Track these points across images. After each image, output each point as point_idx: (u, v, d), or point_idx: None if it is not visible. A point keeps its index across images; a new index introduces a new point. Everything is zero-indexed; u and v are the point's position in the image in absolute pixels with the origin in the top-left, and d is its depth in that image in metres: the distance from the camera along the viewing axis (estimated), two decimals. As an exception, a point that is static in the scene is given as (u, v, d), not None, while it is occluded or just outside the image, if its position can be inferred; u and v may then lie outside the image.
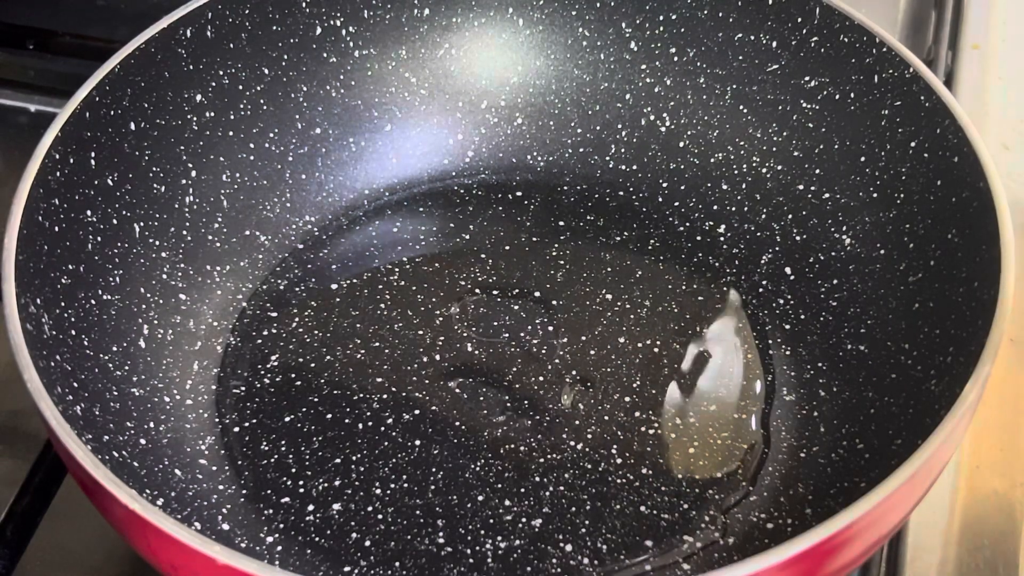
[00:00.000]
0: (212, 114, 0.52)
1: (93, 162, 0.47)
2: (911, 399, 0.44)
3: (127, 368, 0.47)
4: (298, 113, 0.55)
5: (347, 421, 0.48)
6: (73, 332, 0.44)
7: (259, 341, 0.51)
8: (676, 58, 0.56)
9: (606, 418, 0.48)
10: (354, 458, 0.47)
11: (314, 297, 0.53)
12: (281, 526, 0.45)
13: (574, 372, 0.49)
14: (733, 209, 0.54)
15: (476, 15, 0.57)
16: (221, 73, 0.52)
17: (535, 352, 0.50)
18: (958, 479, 0.48)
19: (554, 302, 0.52)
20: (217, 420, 0.48)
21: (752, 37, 0.54)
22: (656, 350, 0.50)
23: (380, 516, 0.45)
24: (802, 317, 0.51)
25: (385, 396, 0.49)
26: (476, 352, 0.50)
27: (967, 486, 0.48)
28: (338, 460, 0.47)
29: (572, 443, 0.47)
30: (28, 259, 0.43)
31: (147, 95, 0.50)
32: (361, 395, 0.49)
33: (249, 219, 0.54)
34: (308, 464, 0.47)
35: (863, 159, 0.50)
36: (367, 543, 0.44)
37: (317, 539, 0.45)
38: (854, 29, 0.50)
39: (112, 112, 0.48)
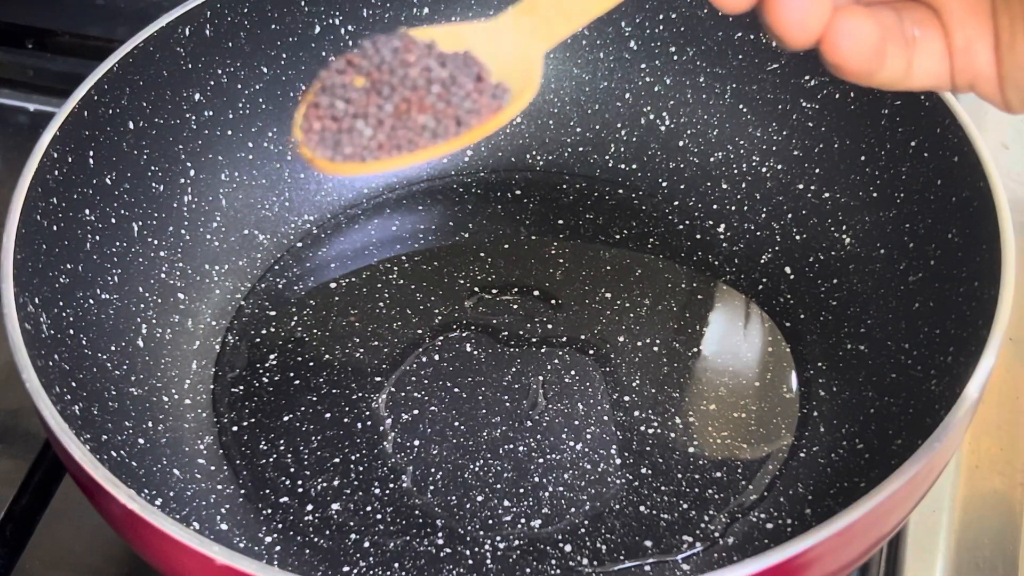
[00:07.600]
0: (211, 113, 0.52)
1: (92, 161, 0.47)
2: (911, 399, 0.44)
3: (125, 367, 0.47)
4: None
5: (346, 421, 0.48)
6: (71, 331, 0.44)
7: (257, 340, 0.51)
8: (676, 57, 0.56)
9: (606, 418, 0.48)
10: (353, 458, 0.47)
11: (313, 296, 0.53)
12: (280, 526, 0.45)
13: (574, 372, 0.49)
14: (733, 208, 0.54)
15: (476, 15, 0.57)
16: (220, 72, 0.52)
17: (535, 351, 0.50)
18: (958, 478, 0.48)
19: (553, 301, 0.52)
20: (215, 419, 0.48)
21: (752, 36, 0.54)
22: (656, 349, 0.50)
23: (379, 516, 0.45)
24: (802, 317, 0.51)
25: (385, 396, 0.49)
26: (476, 352, 0.50)
27: (967, 485, 0.48)
28: (337, 460, 0.47)
29: (572, 443, 0.47)
30: (27, 258, 0.43)
31: (146, 94, 0.49)
32: (361, 395, 0.49)
33: (248, 218, 0.54)
34: (307, 464, 0.47)
35: (863, 158, 0.50)
36: (366, 543, 0.44)
37: (316, 539, 0.45)
38: (854, 28, 0.50)
39: (111, 111, 0.48)
